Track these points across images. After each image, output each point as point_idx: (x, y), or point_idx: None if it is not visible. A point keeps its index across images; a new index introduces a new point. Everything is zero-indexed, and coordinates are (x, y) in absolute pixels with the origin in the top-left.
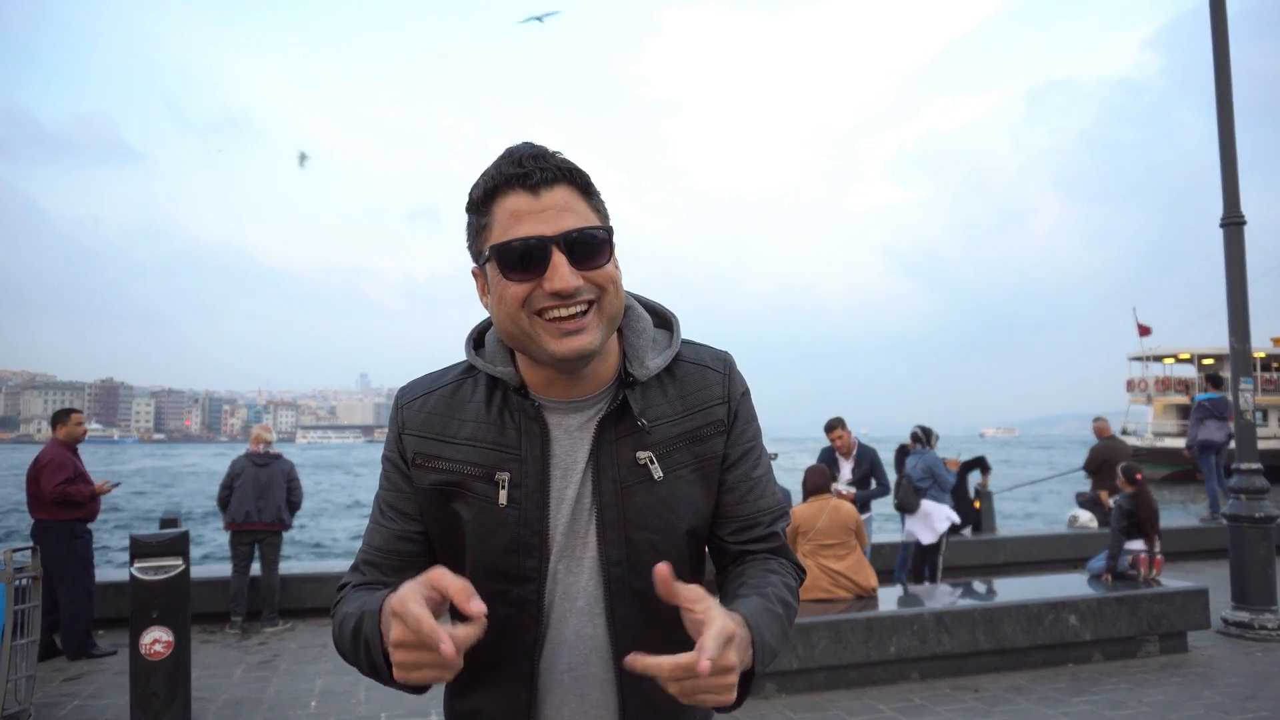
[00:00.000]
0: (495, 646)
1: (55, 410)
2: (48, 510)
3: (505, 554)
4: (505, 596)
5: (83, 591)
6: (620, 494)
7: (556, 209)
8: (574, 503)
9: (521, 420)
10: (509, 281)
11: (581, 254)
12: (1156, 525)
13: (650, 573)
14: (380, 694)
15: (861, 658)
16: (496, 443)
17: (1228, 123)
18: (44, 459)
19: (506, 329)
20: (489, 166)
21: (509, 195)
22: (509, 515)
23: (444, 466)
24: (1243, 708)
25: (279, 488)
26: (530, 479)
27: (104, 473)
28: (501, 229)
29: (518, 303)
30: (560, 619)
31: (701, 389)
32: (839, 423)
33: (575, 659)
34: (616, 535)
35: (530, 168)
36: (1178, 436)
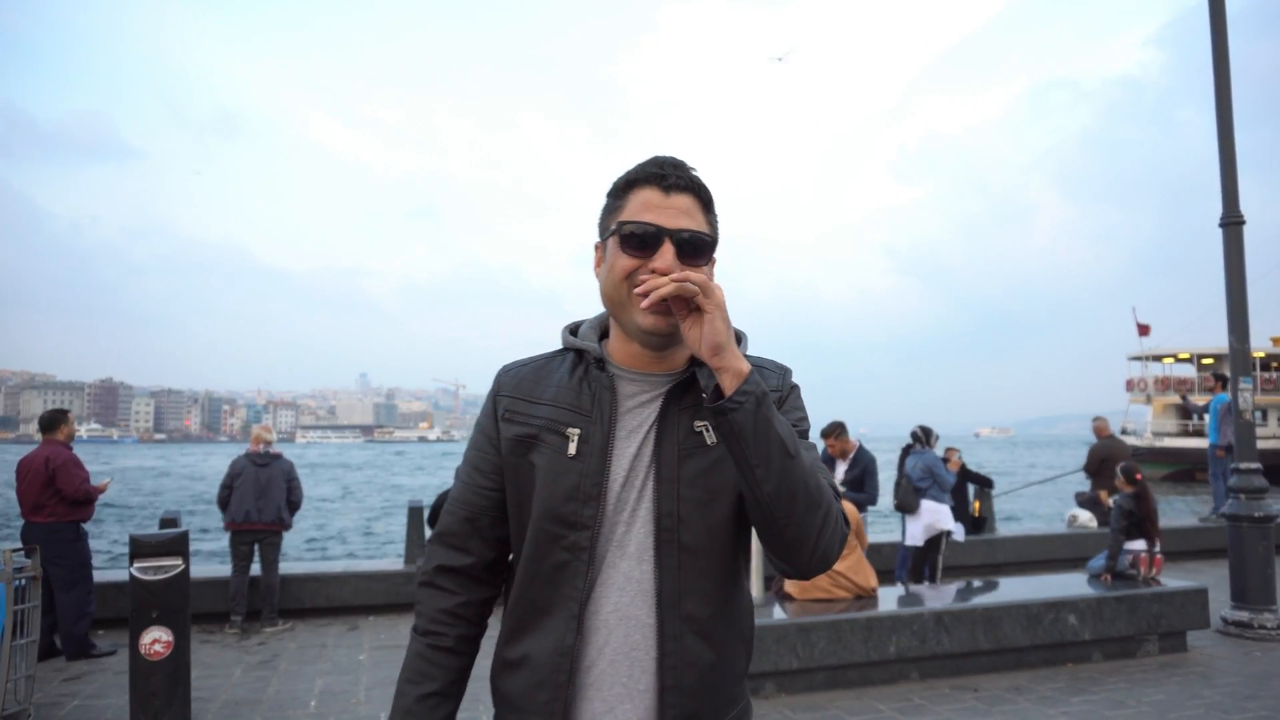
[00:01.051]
0: (547, 594)
1: (50, 411)
2: (56, 511)
3: (567, 500)
4: (561, 542)
5: (84, 592)
6: (678, 455)
7: (678, 210)
8: (634, 460)
9: (597, 388)
10: (623, 254)
11: (687, 251)
12: (1157, 525)
13: (697, 528)
14: (380, 694)
15: (861, 657)
16: (573, 405)
17: (1227, 122)
18: (59, 458)
19: (609, 295)
20: (635, 165)
21: (644, 189)
22: (574, 465)
23: (527, 420)
24: (1242, 707)
25: (279, 488)
26: (597, 437)
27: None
28: (630, 212)
29: (624, 274)
30: (611, 565)
31: (760, 377)
32: (834, 431)
33: (622, 602)
34: (670, 490)
35: (668, 172)
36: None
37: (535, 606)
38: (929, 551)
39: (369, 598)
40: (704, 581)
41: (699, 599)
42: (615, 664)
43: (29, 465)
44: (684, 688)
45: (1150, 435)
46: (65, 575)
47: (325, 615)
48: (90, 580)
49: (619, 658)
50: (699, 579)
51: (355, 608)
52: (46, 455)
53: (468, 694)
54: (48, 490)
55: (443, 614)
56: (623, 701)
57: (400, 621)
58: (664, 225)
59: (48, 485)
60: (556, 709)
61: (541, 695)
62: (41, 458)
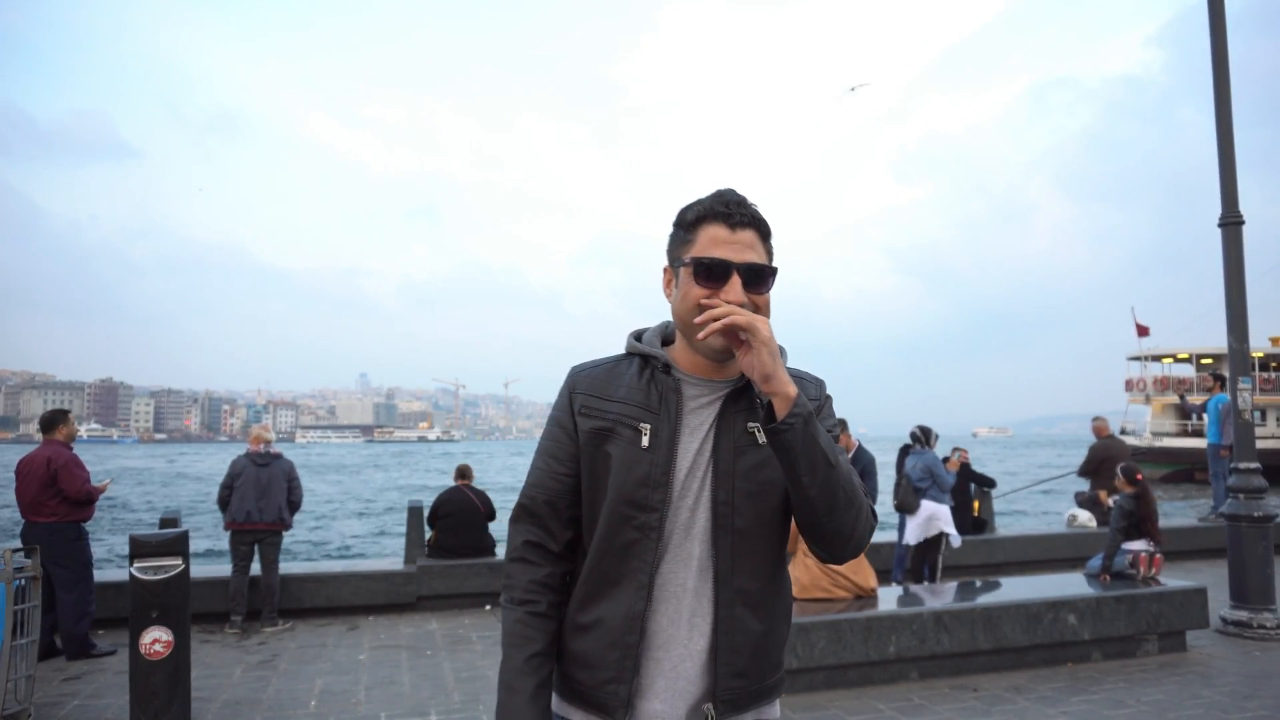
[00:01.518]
0: (619, 566)
1: (50, 412)
2: (57, 511)
3: (638, 486)
4: (633, 522)
5: (85, 592)
6: (734, 451)
7: (744, 245)
8: (696, 454)
9: (664, 389)
10: (696, 285)
11: (751, 281)
12: (1158, 525)
13: (748, 515)
14: (380, 694)
15: (861, 657)
16: (643, 403)
17: (1226, 123)
18: (59, 458)
19: (682, 318)
20: (702, 198)
21: (712, 225)
22: (646, 456)
23: (602, 415)
24: (1241, 707)
25: (279, 487)
26: (665, 431)
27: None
28: (701, 248)
29: (695, 301)
30: (677, 544)
31: (803, 390)
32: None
33: (685, 575)
34: (726, 482)
35: (734, 210)
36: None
37: (607, 578)
38: (928, 551)
39: (369, 598)
40: (753, 560)
41: (749, 575)
42: (677, 628)
43: (29, 465)
44: (735, 649)
45: (1149, 435)
46: (66, 575)
47: (325, 615)
48: (91, 580)
49: (680, 623)
50: (749, 558)
51: (355, 608)
52: (47, 455)
53: (467, 694)
54: (48, 490)
55: (534, 584)
56: (684, 661)
57: (400, 621)
58: (732, 260)
59: (48, 485)
60: (627, 665)
61: (613, 654)
62: (42, 458)
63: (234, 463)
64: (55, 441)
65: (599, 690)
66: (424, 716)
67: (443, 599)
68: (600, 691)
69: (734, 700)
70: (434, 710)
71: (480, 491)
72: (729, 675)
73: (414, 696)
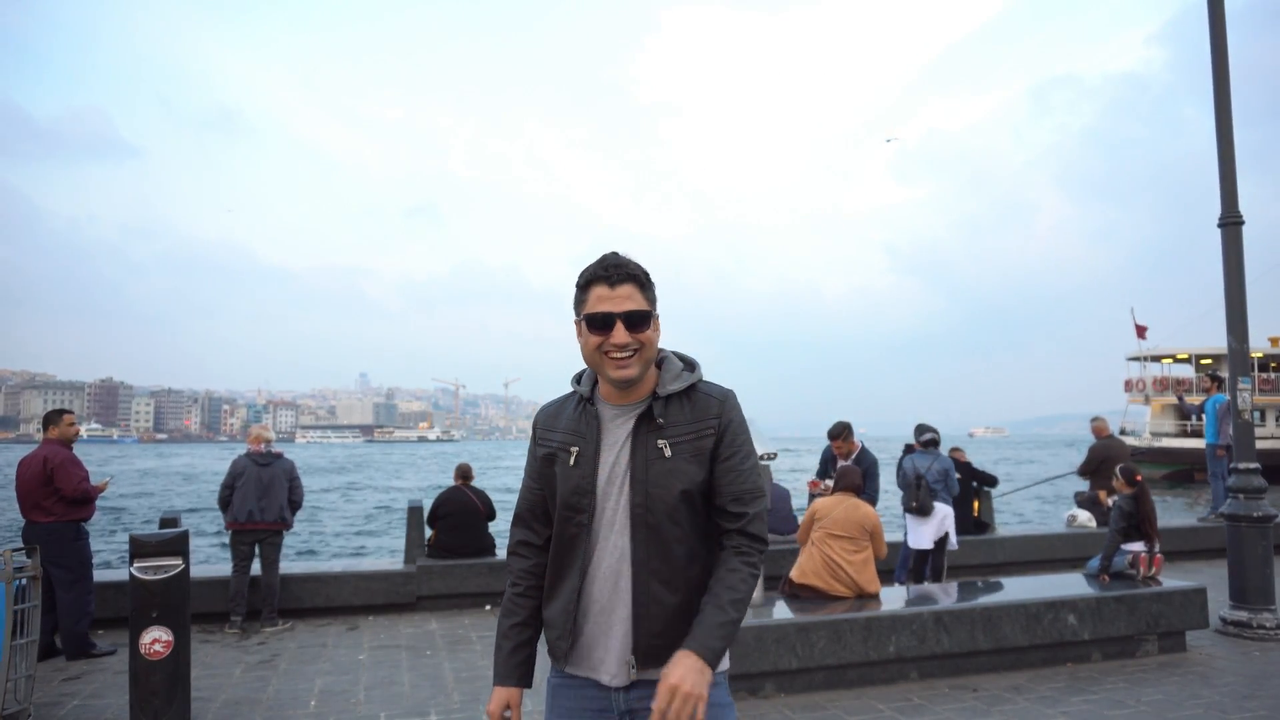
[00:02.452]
0: (568, 554)
1: (47, 411)
2: (55, 511)
3: (572, 493)
4: (571, 521)
5: (84, 592)
6: (645, 463)
7: (622, 297)
8: (614, 465)
9: (589, 418)
10: (591, 335)
11: (632, 324)
12: (1156, 526)
13: (658, 512)
14: (380, 694)
15: (860, 657)
16: (574, 430)
17: (1226, 123)
18: (56, 458)
19: (589, 359)
20: (590, 265)
21: (598, 286)
22: (575, 471)
23: (549, 443)
24: (1241, 707)
25: (280, 487)
26: (588, 450)
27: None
28: (591, 305)
29: (594, 347)
30: (604, 536)
31: (705, 409)
32: (841, 432)
33: (611, 562)
34: (639, 487)
35: (612, 272)
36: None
37: (561, 563)
38: (934, 554)
39: (369, 598)
40: (663, 547)
41: (660, 559)
42: (609, 600)
43: (28, 465)
44: (651, 616)
45: (1149, 435)
46: (66, 575)
47: (325, 615)
48: (90, 580)
49: (610, 597)
50: (659, 545)
51: (355, 608)
52: (45, 455)
53: (467, 694)
54: (46, 489)
55: (523, 572)
56: (614, 624)
57: (400, 621)
58: (613, 311)
59: (46, 484)
60: (569, 626)
61: (562, 618)
62: (40, 457)
63: (235, 462)
64: (53, 441)
65: (554, 644)
66: (424, 716)
67: (443, 599)
68: (554, 644)
69: (652, 654)
70: (434, 710)
71: (480, 491)
72: (647, 635)
73: (414, 696)
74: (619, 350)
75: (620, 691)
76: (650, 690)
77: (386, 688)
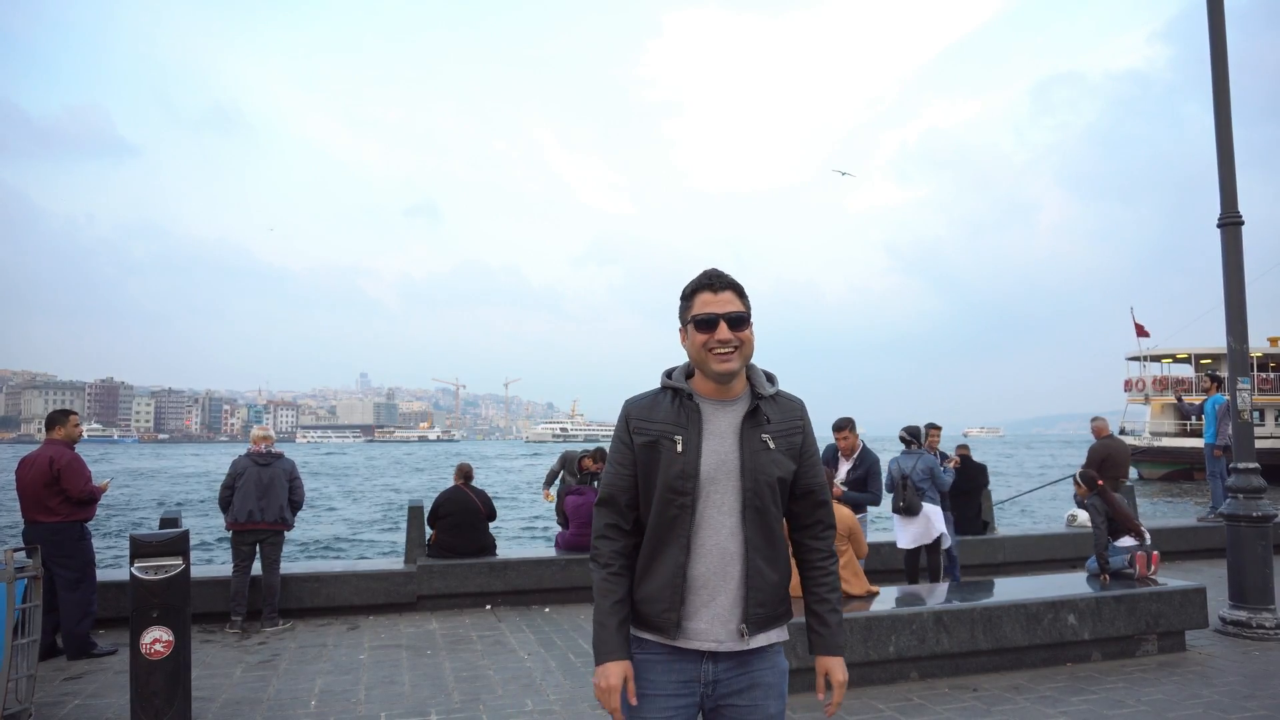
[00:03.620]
0: (668, 533)
1: (51, 411)
2: (60, 511)
3: (676, 477)
4: (675, 503)
5: (88, 592)
6: (753, 453)
7: (725, 302)
8: (719, 454)
9: (689, 411)
10: (698, 334)
11: (734, 323)
12: (1133, 519)
13: (764, 497)
14: (380, 693)
15: (860, 657)
16: (675, 421)
17: (1225, 122)
18: (61, 459)
19: (694, 356)
20: (694, 278)
21: (703, 293)
22: (680, 457)
23: (649, 431)
24: (1241, 706)
25: (281, 487)
26: (692, 439)
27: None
28: (697, 309)
29: (700, 345)
30: (711, 518)
31: (792, 411)
32: (847, 424)
33: (719, 540)
34: (749, 475)
35: (714, 280)
36: (1175, 436)
37: (661, 541)
38: (930, 553)
39: (369, 598)
40: (765, 529)
41: (763, 539)
42: (714, 574)
43: (32, 465)
44: (757, 588)
45: (1148, 435)
46: (69, 575)
47: (325, 615)
48: (94, 580)
49: (716, 570)
50: (762, 527)
51: (355, 608)
52: (50, 455)
53: (467, 694)
54: (51, 490)
55: (614, 553)
56: (720, 595)
57: (400, 621)
58: (718, 312)
59: (51, 485)
60: (676, 599)
61: (666, 592)
62: (45, 458)
63: (235, 463)
64: (56, 441)
65: (658, 617)
66: (424, 716)
67: (443, 599)
68: (659, 618)
69: (758, 622)
70: (434, 710)
71: (480, 491)
72: (754, 605)
73: (414, 696)
74: (722, 346)
75: (710, 662)
76: (735, 661)
77: (387, 687)
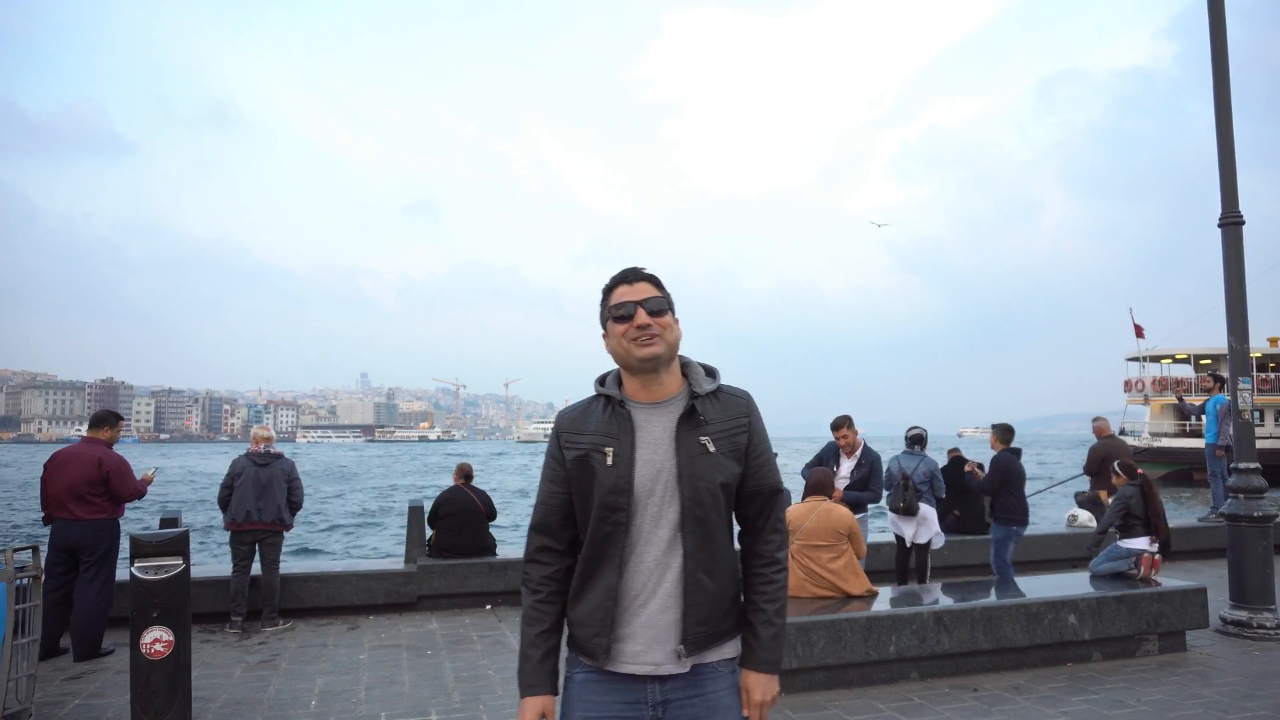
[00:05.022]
0: (602, 551)
1: (102, 411)
2: (105, 509)
3: (609, 492)
4: (609, 519)
5: (111, 592)
6: (691, 458)
7: (640, 291)
8: (655, 462)
9: (621, 419)
10: (617, 325)
11: (652, 311)
12: (1165, 519)
13: (706, 506)
14: (380, 693)
15: (861, 657)
16: (606, 431)
17: (1226, 122)
18: (110, 461)
19: (616, 351)
20: (612, 276)
21: (619, 287)
22: (612, 471)
23: (579, 445)
24: (1241, 706)
25: (279, 487)
26: (625, 450)
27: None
28: (614, 301)
29: (620, 335)
30: (647, 532)
31: (735, 407)
32: (845, 422)
33: (656, 555)
34: (687, 483)
35: (629, 274)
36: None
37: (594, 561)
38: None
39: (369, 598)
40: (708, 539)
41: (705, 551)
42: (648, 592)
43: (71, 461)
44: (698, 604)
45: (1148, 435)
46: (100, 572)
47: (325, 615)
48: (115, 580)
49: (651, 588)
50: (705, 538)
51: (355, 608)
52: (100, 456)
53: (467, 694)
54: (97, 487)
55: (545, 579)
56: (658, 615)
57: (400, 621)
58: (634, 299)
59: (99, 483)
60: (606, 622)
61: (598, 614)
62: (93, 457)
63: (234, 463)
64: (100, 442)
65: (589, 642)
66: (424, 716)
67: (443, 598)
68: (590, 643)
69: (698, 642)
70: (434, 710)
71: (480, 491)
72: (694, 624)
73: (414, 696)
74: (642, 332)
75: (656, 683)
76: (684, 681)
77: (387, 687)
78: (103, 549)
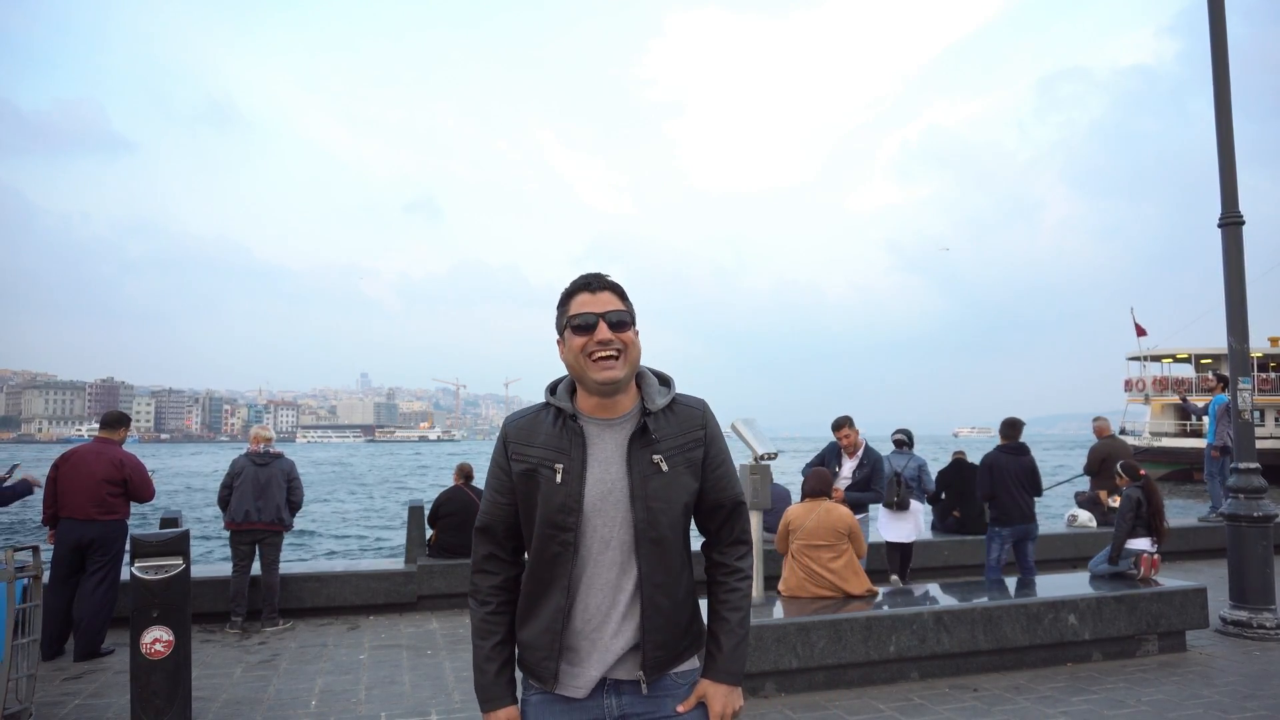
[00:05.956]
0: (549, 572)
1: (116, 411)
2: (121, 510)
3: (557, 511)
4: (556, 539)
5: (116, 592)
6: (643, 479)
7: (604, 301)
8: (605, 482)
9: (572, 434)
10: (575, 337)
11: (614, 324)
12: (1165, 520)
13: (661, 527)
14: (380, 693)
15: (861, 657)
16: (556, 447)
17: (1226, 122)
18: (131, 462)
19: (571, 365)
20: (573, 280)
21: (580, 294)
22: (561, 489)
23: (527, 459)
24: (1241, 707)
25: (278, 487)
26: (574, 467)
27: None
28: (574, 310)
29: (579, 349)
30: (598, 553)
31: (689, 420)
32: (846, 422)
33: (610, 578)
34: (640, 504)
35: (593, 281)
36: (1175, 436)
37: (541, 582)
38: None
39: (369, 598)
40: (664, 560)
41: (662, 571)
42: (602, 617)
43: (88, 461)
44: (657, 627)
45: (1148, 435)
46: (109, 573)
47: (325, 615)
48: (119, 580)
49: (605, 613)
50: (661, 559)
51: (355, 608)
52: (120, 458)
53: (467, 694)
54: (117, 489)
55: (493, 589)
56: (614, 639)
57: (400, 621)
58: (596, 311)
59: (118, 484)
60: (555, 646)
61: (546, 638)
62: (113, 459)
63: (234, 463)
64: (115, 442)
65: (538, 665)
66: (424, 716)
67: (443, 598)
68: (539, 666)
69: (657, 664)
70: (434, 710)
71: (481, 491)
72: (653, 647)
73: (414, 696)
74: (603, 349)
75: (612, 695)
76: (639, 697)
77: (387, 687)
78: (114, 550)
